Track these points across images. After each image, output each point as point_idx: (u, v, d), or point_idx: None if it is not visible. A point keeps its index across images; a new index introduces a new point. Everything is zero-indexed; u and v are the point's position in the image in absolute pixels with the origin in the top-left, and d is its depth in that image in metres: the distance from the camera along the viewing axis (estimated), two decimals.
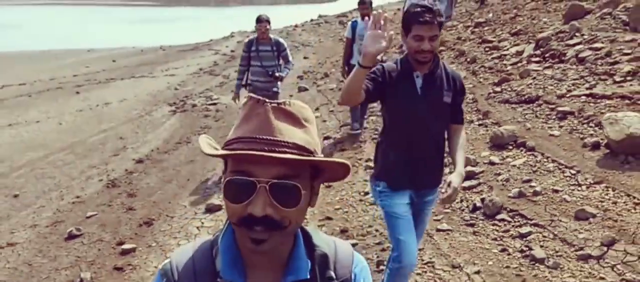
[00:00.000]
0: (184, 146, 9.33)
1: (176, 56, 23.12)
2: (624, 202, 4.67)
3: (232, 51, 22.36)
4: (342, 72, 9.25)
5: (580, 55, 8.13)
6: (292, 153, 1.14)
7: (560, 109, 6.68)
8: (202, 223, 6.11)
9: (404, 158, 3.26)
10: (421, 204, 3.43)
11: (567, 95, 6.98)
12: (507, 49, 10.22)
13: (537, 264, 4.22)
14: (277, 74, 7.58)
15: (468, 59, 10.81)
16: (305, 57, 18.26)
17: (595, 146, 5.65)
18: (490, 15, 14.44)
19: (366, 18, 7.44)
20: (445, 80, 3.27)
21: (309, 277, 1.28)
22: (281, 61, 7.73)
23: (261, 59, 7.56)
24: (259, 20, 7.54)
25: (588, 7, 10.31)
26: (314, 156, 1.18)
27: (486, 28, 13.02)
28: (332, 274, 1.32)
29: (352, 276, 1.37)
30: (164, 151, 9.21)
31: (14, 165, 8.93)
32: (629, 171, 5.12)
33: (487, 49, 10.91)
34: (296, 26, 28.97)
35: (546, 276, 4.07)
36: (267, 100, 1.20)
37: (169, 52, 24.99)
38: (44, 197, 7.40)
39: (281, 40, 7.87)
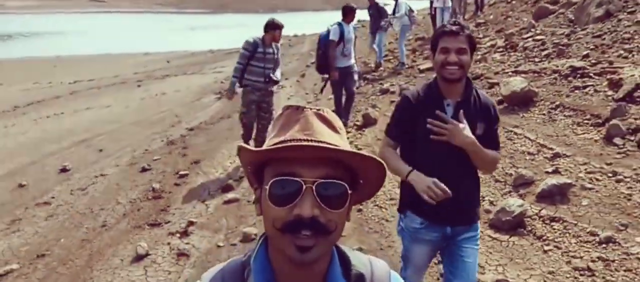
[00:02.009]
0: (225, 120, 12.29)
1: (223, 57, 26.12)
2: (500, 132, 7.41)
3: None
4: (332, 76, 9.46)
5: (525, 45, 10.84)
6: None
7: (490, 81, 9.45)
8: (234, 161, 8.97)
9: None
10: (457, 242, 3.18)
11: (500, 73, 9.73)
12: (485, 43, 12.90)
13: None
14: (275, 78, 8.22)
15: None
16: None
17: (500, 102, 8.37)
18: (491, 16, 17.06)
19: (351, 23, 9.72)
20: (479, 109, 3.07)
21: None
22: (276, 63, 8.23)
23: (266, 61, 7.96)
24: (278, 27, 7.99)
25: (552, 8, 12.92)
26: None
27: (482, 27, 15.67)
28: None
29: None
30: (210, 123, 12.21)
31: (95, 133, 12.07)
32: (511, 114, 7.91)
33: None
34: None
35: None
36: (305, 107, 1.26)
37: (217, 54, 28.13)
38: (121, 151, 10.44)
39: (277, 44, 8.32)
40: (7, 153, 10.51)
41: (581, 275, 4.41)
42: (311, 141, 1.16)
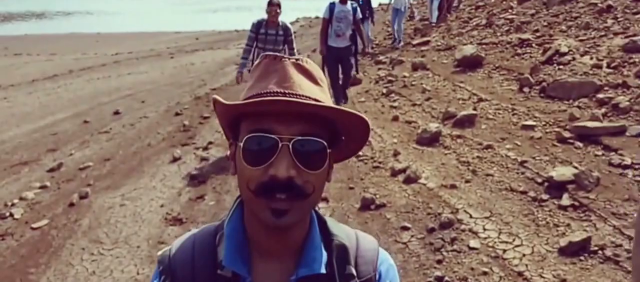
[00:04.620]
0: (243, 83, 14.80)
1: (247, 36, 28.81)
2: (447, 86, 9.82)
3: (293, 32, 27.88)
4: (321, 51, 9.67)
5: (497, 23, 13.14)
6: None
7: (456, 50, 11.80)
8: None
9: None
10: None
11: (466, 43, 12.08)
12: (472, 23, 15.23)
13: (393, 107, 9.43)
14: None
15: (448, 31, 15.92)
16: None
17: (455, 65, 10.75)
18: (492, 0, 19.27)
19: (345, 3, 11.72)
20: None
21: (325, 272, 1.16)
22: (286, 46, 8.05)
23: (266, 43, 7.87)
24: (271, 3, 7.83)
25: None
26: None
27: (480, 10, 17.92)
28: (353, 270, 1.20)
29: (377, 275, 1.25)
30: (230, 85, 14.70)
31: (137, 90, 14.77)
32: (461, 74, 10.32)
33: (462, 23, 15.94)
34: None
35: (393, 107, 9.28)
36: (284, 56, 1.15)
37: (242, 33, 30.70)
38: (159, 102, 13.07)
39: (289, 25, 8.17)
40: (70, 103, 13.34)
41: (462, 165, 6.79)
42: (288, 94, 1.08)
